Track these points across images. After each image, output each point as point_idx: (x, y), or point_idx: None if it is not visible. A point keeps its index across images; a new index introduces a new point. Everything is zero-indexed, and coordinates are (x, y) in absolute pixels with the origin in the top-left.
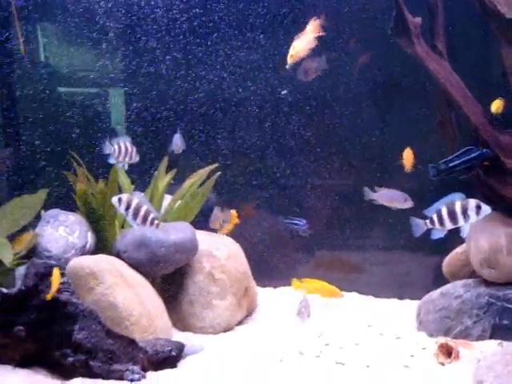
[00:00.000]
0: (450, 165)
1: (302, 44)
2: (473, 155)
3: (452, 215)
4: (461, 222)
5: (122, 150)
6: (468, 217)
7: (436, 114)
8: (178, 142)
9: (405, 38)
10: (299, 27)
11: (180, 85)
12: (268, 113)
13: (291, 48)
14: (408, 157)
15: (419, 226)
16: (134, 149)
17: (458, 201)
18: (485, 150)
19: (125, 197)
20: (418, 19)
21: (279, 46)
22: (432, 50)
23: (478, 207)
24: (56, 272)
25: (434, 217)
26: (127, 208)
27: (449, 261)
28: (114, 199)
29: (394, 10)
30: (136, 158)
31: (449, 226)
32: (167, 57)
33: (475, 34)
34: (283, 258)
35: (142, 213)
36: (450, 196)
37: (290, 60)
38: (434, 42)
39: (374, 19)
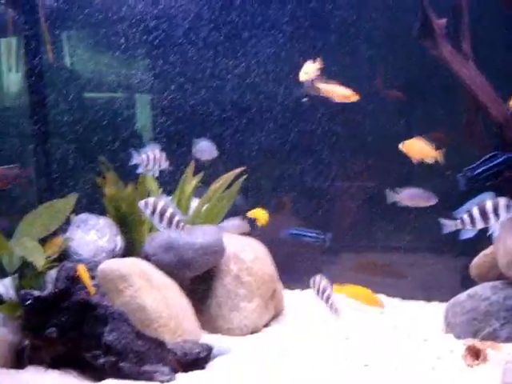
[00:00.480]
0: (477, 171)
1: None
2: (499, 160)
3: (483, 214)
4: (492, 221)
5: (150, 159)
6: (498, 215)
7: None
8: (203, 149)
9: (430, 39)
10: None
11: (206, 89)
12: (292, 116)
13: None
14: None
15: (449, 226)
16: (163, 155)
17: (488, 200)
18: (511, 155)
19: (151, 200)
20: (443, 21)
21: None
22: (457, 51)
23: (509, 205)
24: (83, 270)
25: (465, 217)
26: (153, 211)
27: (477, 262)
28: (141, 203)
29: (419, 12)
30: (165, 165)
31: (480, 225)
32: (193, 61)
33: (500, 34)
34: (310, 260)
35: (167, 216)
36: (481, 196)
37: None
38: (459, 43)
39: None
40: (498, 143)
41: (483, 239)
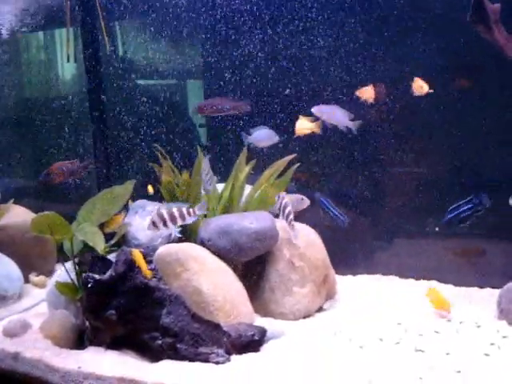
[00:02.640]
0: (450, 216)
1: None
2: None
3: None
4: None
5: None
6: None
7: None
8: (263, 136)
9: (484, 25)
10: None
11: (261, 75)
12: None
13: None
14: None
15: None
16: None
17: None
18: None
19: (155, 218)
20: (498, 5)
21: None
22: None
23: None
24: (137, 254)
25: None
26: (165, 223)
27: None
28: (149, 227)
29: None
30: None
31: None
32: (246, 49)
33: None
34: (362, 246)
35: (176, 216)
36: None
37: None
38: None
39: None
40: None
41: None
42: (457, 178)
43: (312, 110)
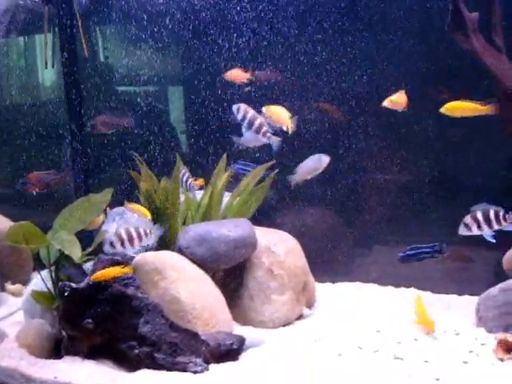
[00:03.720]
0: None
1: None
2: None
3: None
4: None
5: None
6: None
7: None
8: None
9: (462, 33)
10: None
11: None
12: None
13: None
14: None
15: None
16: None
17: None
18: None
19: (113, 239)
20: (475, 14)
21: None
22: (490, 44)
23: None
24: (116, 268)
25: None
26: (122, 244)
27: (509, 256)
28: (106, 248)
29: (450, 6)
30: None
31: None
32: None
33: None
34: (341, 253)
35: (135, 237)
36: None
37: None
38: (491, 36)
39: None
40: None
41: None
42: (436, 186)
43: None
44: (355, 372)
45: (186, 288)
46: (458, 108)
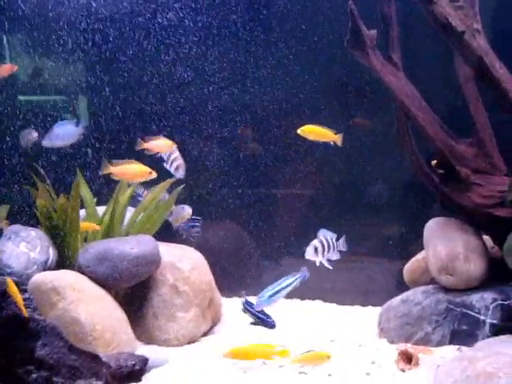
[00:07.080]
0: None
1: None
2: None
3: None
4: None
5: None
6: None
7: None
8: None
9: (360, 50)
10: None
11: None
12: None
13: None
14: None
15: None
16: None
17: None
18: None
19: None
20: (373, 32)
21: None
22: (388, 61)
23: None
24: (12, 286)
25: None
26: None
27: (409, 267)
28: None
29: (349, 23)
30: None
31: None
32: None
33: (430, 45)
34: (247, 268)
35: None
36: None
37: None
38: (389, 53)
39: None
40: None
41: (417, 244)
42: (340, 197)
43: None
44: None
45: (86, 309)
46: (311, 132)
